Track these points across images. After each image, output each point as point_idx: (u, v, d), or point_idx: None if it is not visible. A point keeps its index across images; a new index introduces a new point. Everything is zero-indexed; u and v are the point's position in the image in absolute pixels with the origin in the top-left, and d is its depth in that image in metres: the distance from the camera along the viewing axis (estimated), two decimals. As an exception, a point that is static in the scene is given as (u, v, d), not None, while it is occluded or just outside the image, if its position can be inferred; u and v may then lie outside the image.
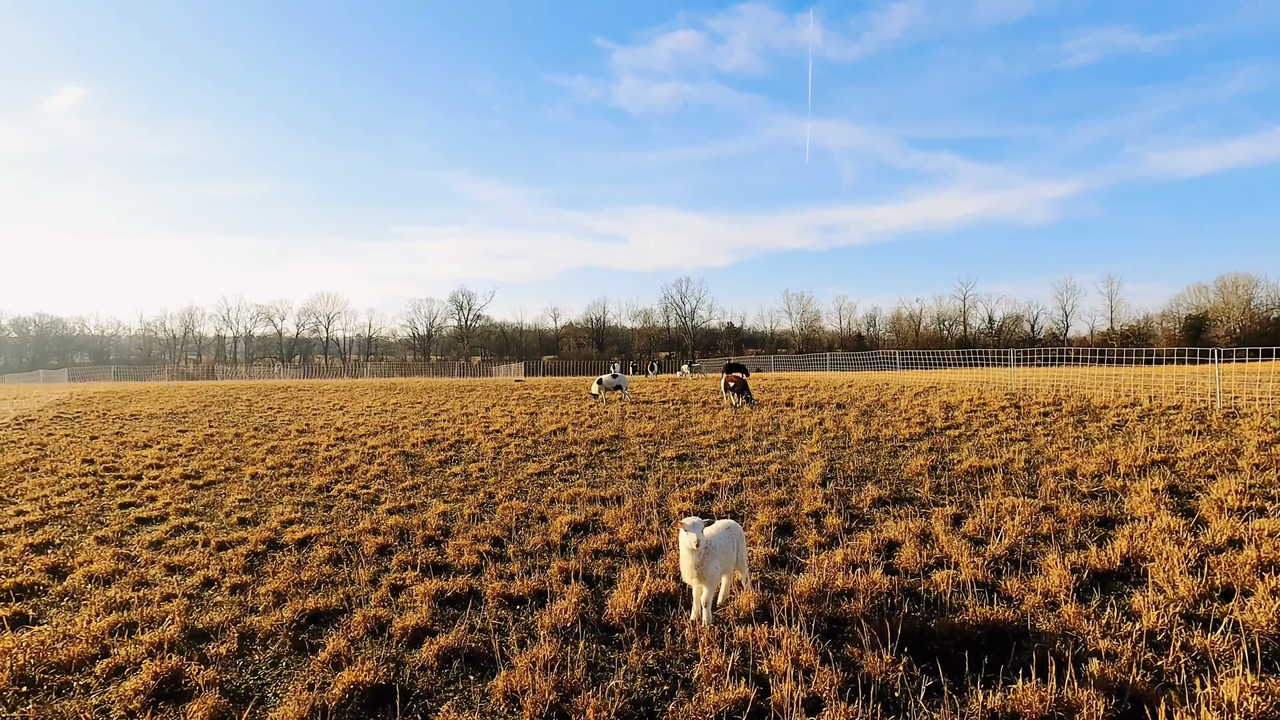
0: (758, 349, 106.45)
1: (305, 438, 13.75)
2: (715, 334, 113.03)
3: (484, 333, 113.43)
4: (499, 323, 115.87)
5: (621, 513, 7.41)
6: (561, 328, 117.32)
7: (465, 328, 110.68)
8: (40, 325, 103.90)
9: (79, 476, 10.34)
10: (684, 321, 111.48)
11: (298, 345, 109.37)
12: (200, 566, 6.17)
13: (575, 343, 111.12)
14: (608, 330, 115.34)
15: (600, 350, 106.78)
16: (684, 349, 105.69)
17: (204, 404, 21.27)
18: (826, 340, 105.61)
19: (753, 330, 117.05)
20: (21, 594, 5.66)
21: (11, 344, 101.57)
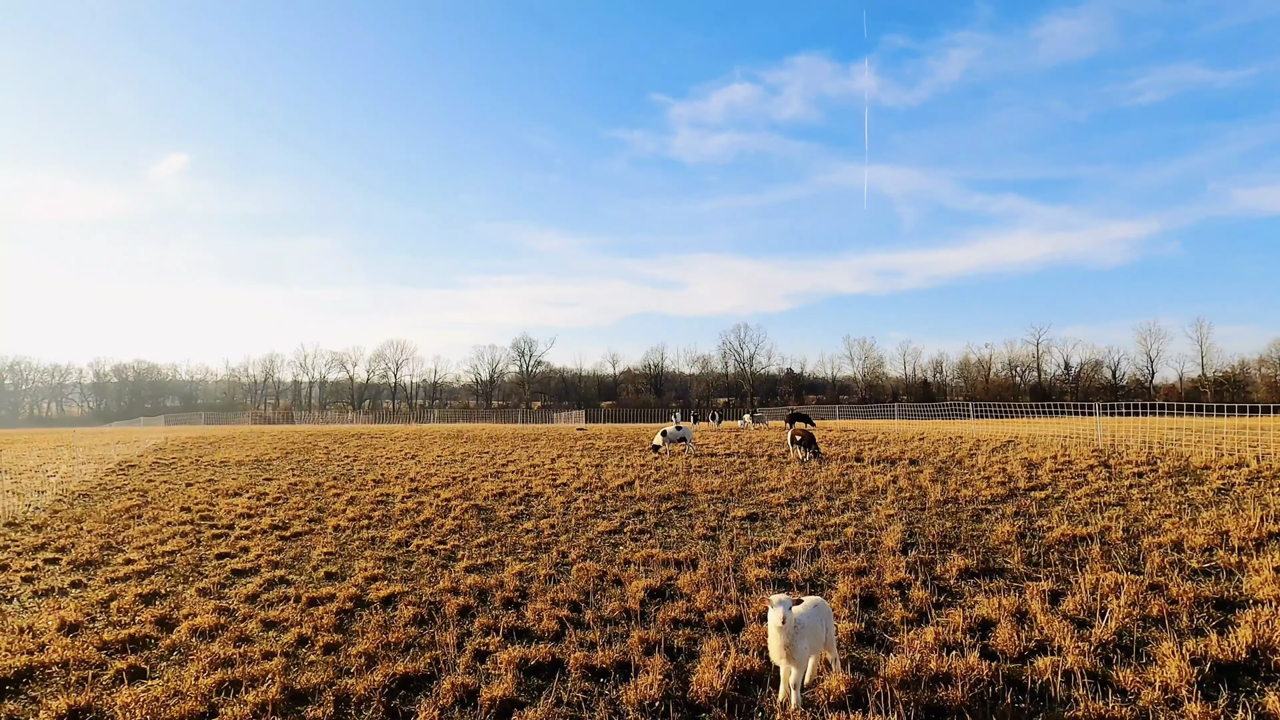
0: (819, 395, 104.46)
1: (381, 488, 14.20)
2: (775, 380, 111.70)
3: (544, 378, 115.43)
4: (559, 369, 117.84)
5: (696, 578, 7.33)
6: (620, 373, 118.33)
7: (526, 374, 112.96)
8: (138, 372, 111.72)
9: (178, 525, 10.96)
10: (743, 367, 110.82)
11: (368, 390, 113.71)
12: (294, 623, 6.42)
13: (634, 389, 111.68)
14: (666, 376, 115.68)
15: (658, 396, 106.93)
16: (743, 395, 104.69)
17: (285, 451, 22.30)
18: (891, 387, 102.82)
19: (813, 376, 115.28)
20: (135, 646, 6.00)
21: (113, 389, 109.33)
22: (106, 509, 12.36)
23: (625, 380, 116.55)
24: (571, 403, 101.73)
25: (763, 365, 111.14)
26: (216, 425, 45.83)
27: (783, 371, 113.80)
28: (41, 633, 6.31)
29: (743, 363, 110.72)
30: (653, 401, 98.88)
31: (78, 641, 6.03)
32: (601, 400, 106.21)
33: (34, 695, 5.11)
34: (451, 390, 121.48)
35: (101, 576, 8.16)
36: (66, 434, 31.86)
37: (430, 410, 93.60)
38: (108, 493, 14.32)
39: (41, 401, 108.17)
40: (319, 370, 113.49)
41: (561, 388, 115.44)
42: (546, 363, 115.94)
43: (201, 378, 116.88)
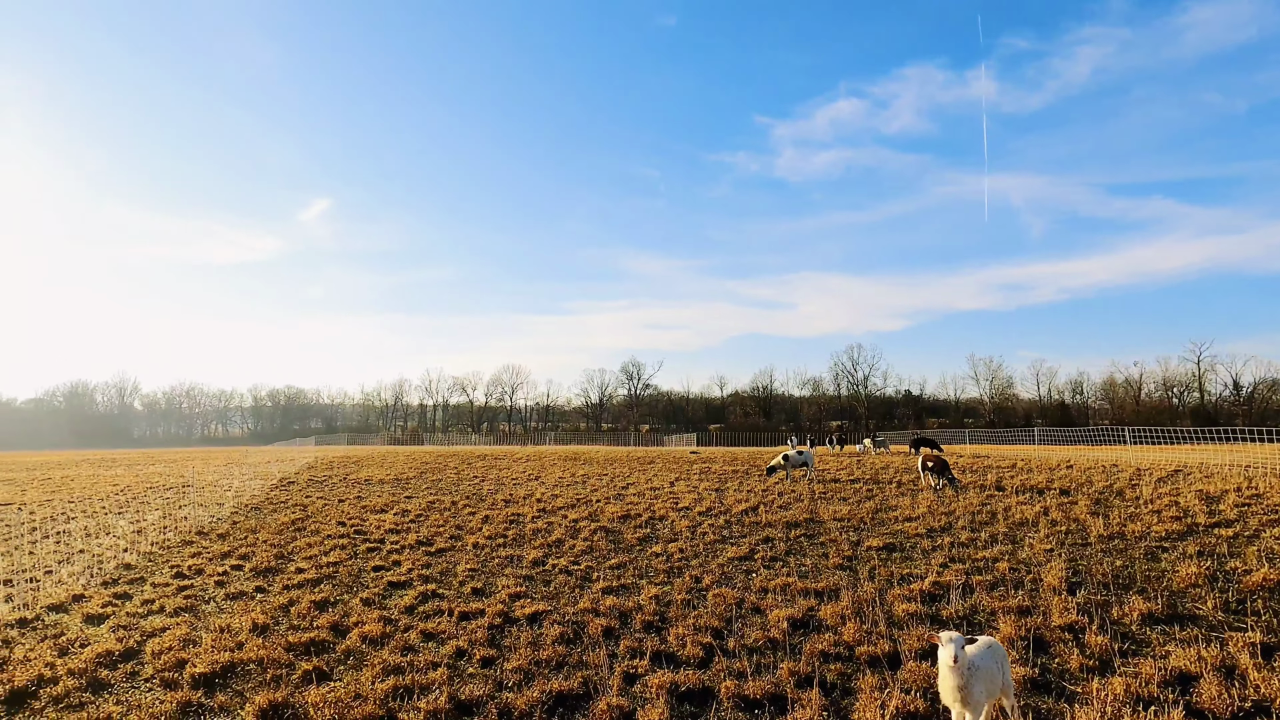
0: (941, 418, 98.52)
1: (511, 508, 14.80)
2: (891, 402, 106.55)
3: (652, 401, 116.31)
4: (666, 391, 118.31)
5: (839, 609, 7.07)
6: (728, 396, 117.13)
7: (635, 396, 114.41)
8: (288, 396, 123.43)
9: (337, 538, 11.93)
10: (856, 389, 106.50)
11: (486, 413, 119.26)
12: (451, 636, 6.78)
13: (742, 411, 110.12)
14: (775, 398, 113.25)
15: (768, 419, 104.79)
16: (857, 418, 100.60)
17: (420, 471, 23.80)
18: (1023, 409, 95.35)
19: (933, 398, 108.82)
20: (316, 650, 6.57)
21: (267, 412, 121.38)
22: (275, 521, 13.66)
23: (733, 403, 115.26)
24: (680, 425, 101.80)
25: (878, 387, 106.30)
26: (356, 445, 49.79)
27: (900, 393, 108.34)
28: (237, 632, 7.04)
29: (856, 384, 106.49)
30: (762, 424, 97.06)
31: (267, 642, 6.67)
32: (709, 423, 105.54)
33: (238, 689, 5.70)
34: (563, 413, 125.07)
35: (279, 583, 9.01)
36: (236, 453, 35.69)
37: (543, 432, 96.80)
38: (274, 507, 15.85)
39: (210, 423, 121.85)
40: (442, 394, 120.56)
41: (669, 410, 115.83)
42: (654, 385, 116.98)
43: (340, 401, 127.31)
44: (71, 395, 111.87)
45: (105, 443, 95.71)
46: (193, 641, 6.79)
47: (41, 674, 5.95)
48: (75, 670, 6.05)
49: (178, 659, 6.28)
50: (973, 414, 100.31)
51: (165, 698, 5.54)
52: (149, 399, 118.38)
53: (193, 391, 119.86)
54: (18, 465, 29.88)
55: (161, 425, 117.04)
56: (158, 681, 5.89)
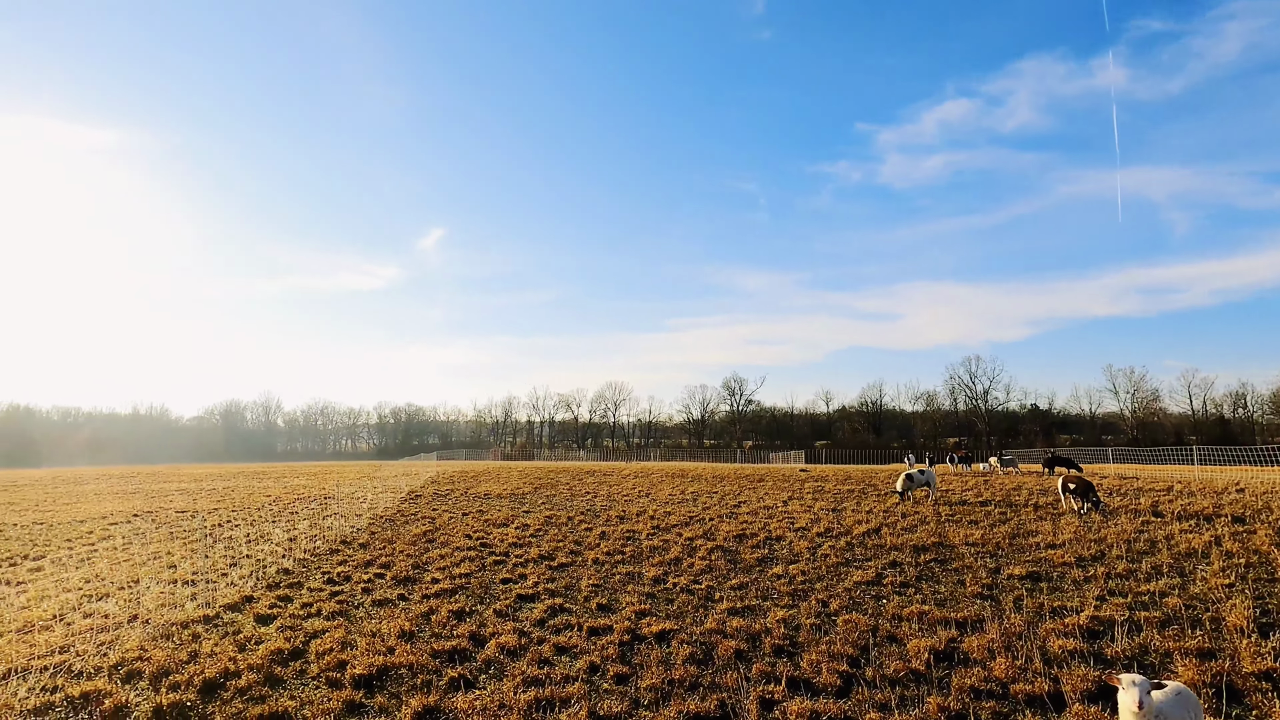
0: (1074, 435, 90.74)
1: (625, 525, 14.98)
2: (1015, 417, 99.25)
3: (755, 417, 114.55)
4: (769, 407, 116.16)
5: (985, 642, 6.63)
6: (834, 412, 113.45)
7: (737, 413, 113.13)
8: (407, 413, 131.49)
9: (465, 550, 12.53)
10: (975, 404, 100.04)
11: (589, 429, 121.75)
12: (583, 650, 6.94)
13: (850, 427, 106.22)
14: (885, 414, 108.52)
15: (878, 435, 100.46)
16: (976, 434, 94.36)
17: (535, 486, 24.62)
18: (1172, 425, 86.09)
19: (1064, 413, 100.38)
20: (458, 657, 6.91)
21: (390, 428, 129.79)
22: (408, 533, 14.55)
23: (840, 419, 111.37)
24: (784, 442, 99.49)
25: (999, 401, 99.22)
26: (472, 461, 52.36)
27: (1025, 407, 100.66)
28: (386, 637, 7.54)
29: (975, 398, 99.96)
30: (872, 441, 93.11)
31: (414, 648, 7.10)
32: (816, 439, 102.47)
33: (394, 692, 6.10)
34: (665, 429, 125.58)
35: (418, 592, 9.57)
36: (367, 466, 38.44)
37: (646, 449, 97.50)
38: (405, 519, 16.88)
39: (341, 439, 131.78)
40: (548, 411, 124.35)
41: (773, 426, 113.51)
42: (757, 401, 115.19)
43: (455, 418, 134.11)
44: (226, 414, 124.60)
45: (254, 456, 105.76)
46: (349, 644, 7.33)
47: (227, 668, 6.63)
48: (254, 665, 6.70)
49: (338, 660, 6.81)
50: (1111, 430, 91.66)
51: (331, 696, 6.01)
52: (290, 417, 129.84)
53: (326, 410, 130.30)
54: (187, 477, 33.55)
55: (300, 441, 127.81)
56: (323, 680, 6.41)
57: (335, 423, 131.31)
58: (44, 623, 8.35)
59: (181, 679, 6.38)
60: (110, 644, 7.46)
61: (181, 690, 6.16)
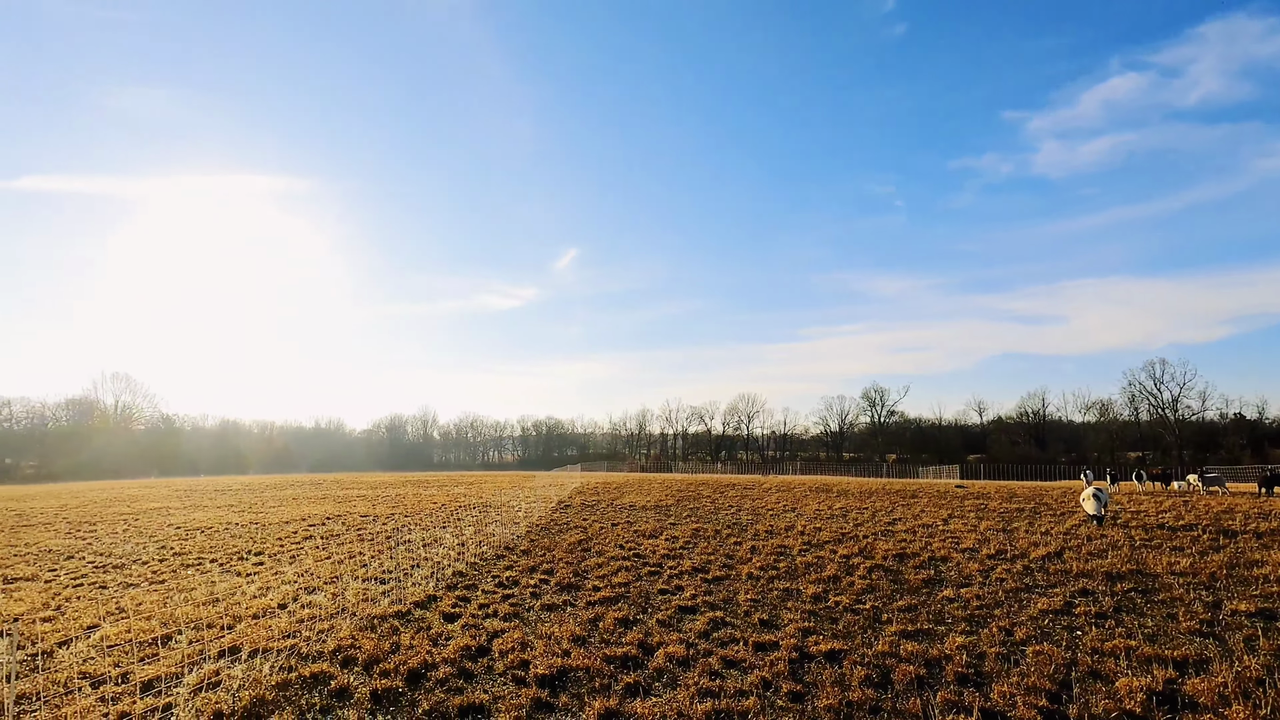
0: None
1: (775, 540, 14.76)
2: (1214, 428, 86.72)
3: (898, 429, 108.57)
4: (914, 419, 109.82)
5: (1213, 686, 5.86)
6: (989, 423, 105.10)
7: (878, 424, 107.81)
8: (548, 426, 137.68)
9: (620, 560, 12.92)
10: (1161, 413, 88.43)
11: (723, 442, 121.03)
12: (752, 665, 6.94)
13: (1008, 440, 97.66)
14: (1049, 425, 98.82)
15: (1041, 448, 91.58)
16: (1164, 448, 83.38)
17: (677, 498, 24.88)
18: None
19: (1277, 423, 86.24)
20: (629, 664, 7.15)
21: (532, 440, 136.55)
22: (565, 541, 15.24)
23: (996, 430, 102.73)
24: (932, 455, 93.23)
25: (1192, 410, 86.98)
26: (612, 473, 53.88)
27: (1227, 417, 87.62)
28: (560, 640, 7.95)
29: (1161, 407, 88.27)
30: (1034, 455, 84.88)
31: (587, 653, 7.43)
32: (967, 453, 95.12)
33: (575, 693, 6.42)
34: (800, 441, 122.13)
35: (582, 599, 10.00)
36: (518, 477, 40.76)
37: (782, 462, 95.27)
38: (559, 528, 17.69)
39: (489, 450, 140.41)
40: (681, 423, 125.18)
41: (918, 439, 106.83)
42: (900, 412, 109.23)
43: (591, 431, 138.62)
44: (390, 427, 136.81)
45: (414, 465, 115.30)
46: (528, 645, 7.81)
47: (425, 659, 7.30)
48: (448, 659, 7.33)
49: (520, 659, 7.28)
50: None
51: (519, 692, 6.44)
52: (444, 429, 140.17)
53: (475, 423, 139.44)
54: (363, 484, 37.22)
55: (453, 452, 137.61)
56: (509, 677, 6.88)
57: (483, 435, 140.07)
58: (272, 610, 9.63)
59: (389, 667, 7.12)
60: (326, 632, 8.47)
61: (391, 677, 6.87)
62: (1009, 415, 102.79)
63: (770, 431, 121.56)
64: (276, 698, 6.45)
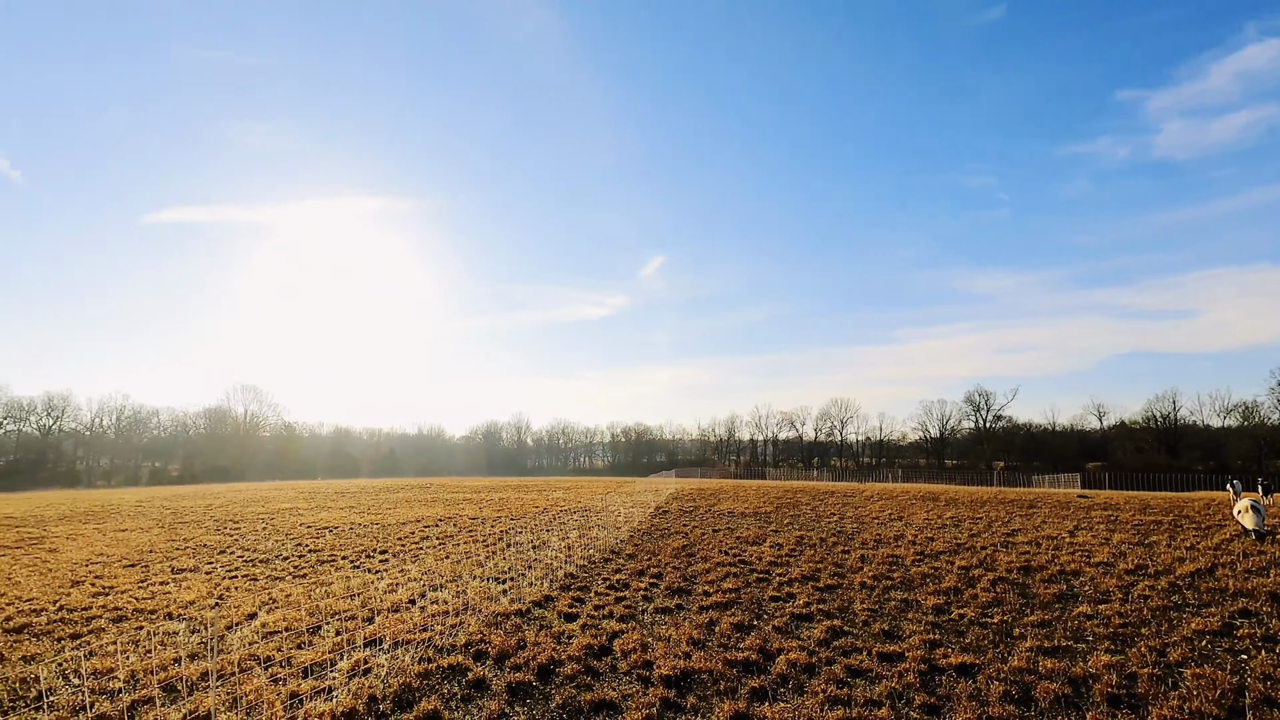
0: None
1: (884, 549, 14.32)
2: (1386, 434, 76.45)
3: (1006, 434, 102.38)
4: (1023, 423, 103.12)
5: None
6: (1110, 428, 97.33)
7: (984, 429, 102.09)
8: (636, 432, 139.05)
9: (726, 566, 12.93)
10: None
11: (815, 448, 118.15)
12: (879, 676, 6.81)
13: (1133, 446, 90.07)
14: (1182, 430, 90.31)
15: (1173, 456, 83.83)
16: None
17: (775, 505, 24.56)
18: None
19: None
20: (751, 669, 7.18)
21: (621, 446, 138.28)
22: (668, 546, 15.40)
23: (1119, 436, 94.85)
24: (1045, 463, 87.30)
25: (1360, 413, 77.25)
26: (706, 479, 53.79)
27: (1404, 421, 77.10)
28: (677, 643, 8.08)
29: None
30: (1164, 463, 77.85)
31: (707, 656, 7.52)
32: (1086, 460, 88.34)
33: (700, 695, 6.52)
34: (898, 448, 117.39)
35: (694, 604, 10.10)
36: (612, 482, 41.45)
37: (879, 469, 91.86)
38: (660, 533, 17.88)
39: (580, 456, 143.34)
40: (771, 429, 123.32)
41: (1028, 445, 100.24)
42: (1007, 417, 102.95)
43: (680, 436, 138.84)
44: (487, 433, 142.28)
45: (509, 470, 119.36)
46: (647, 646, 7.99)
47: (552, 656, 7.62)
48: (573, 656, 7.61)
49: (643, 660, 7.46)
50: None
51: (645, 691, 6.61)
52: (537, 435, 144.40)
53: (566, 429, 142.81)
54: (466, 488, 38.90)
55: (545, 457, 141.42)
56: (634, 677, 7.07)
57: (574, 441, 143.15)
58: (403, 605, 10.30)
59: (519, 661, 7.48)
60: (456, 627, 8.97)
61: (522, 671, 7.21)
62: (1134, 419, 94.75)
63: (865, 437, 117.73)
64: (421, 685, 6.93)
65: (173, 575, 13.43)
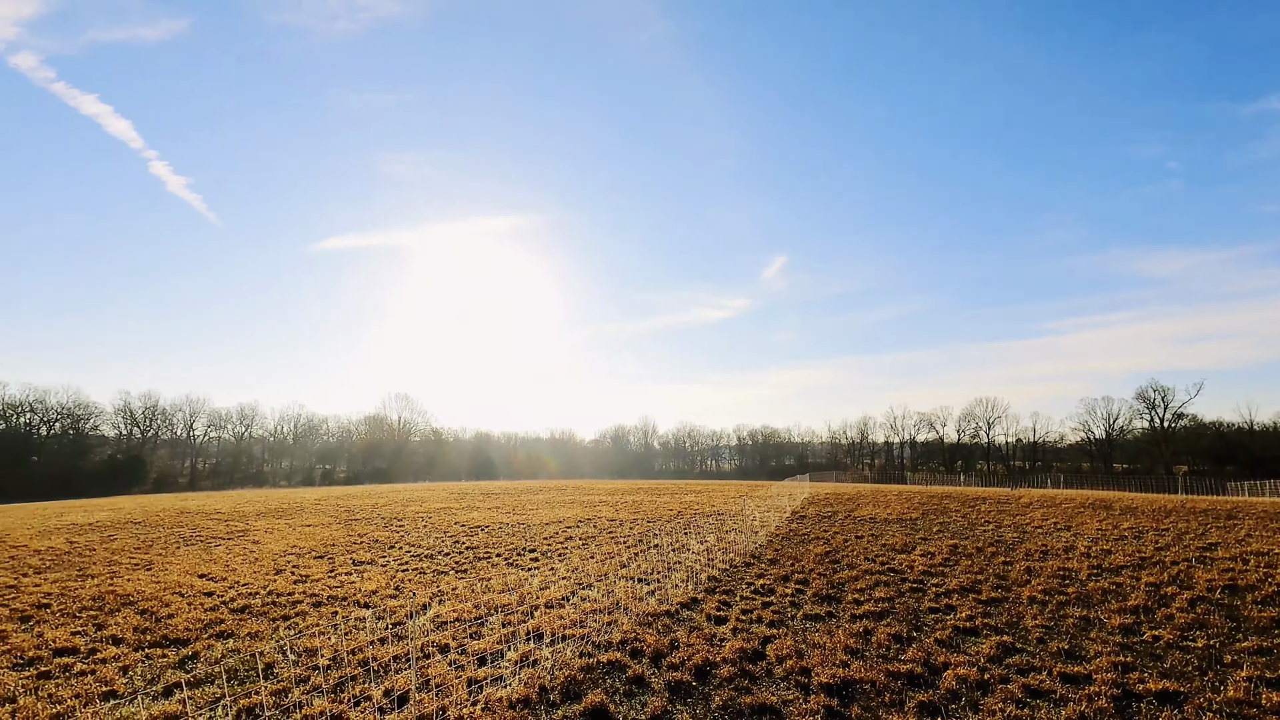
0: None
1: (1053, 561, 13.18)
2: None
3: (1188, 435, 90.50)
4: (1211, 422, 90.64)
5: None
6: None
7: (1161, 430, 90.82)
8: (764, 435, 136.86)
9: (875, 574, 12.45)
10: None
11: (958, 451, 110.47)
12: (1064, 698, 6.32)
13: (1359, 448, 76.49)
14: None
15: None
16: None
17: (921, 511, 23.29)
18: None
19: None
20: (915, 683, 6.90)
21: (748, 449, 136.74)
22: (811, 552, 15.07)
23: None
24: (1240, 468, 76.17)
25: None
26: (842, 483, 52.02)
27: None
28: (833, 651, 7.91)
29: None
30: (1405, 468, 65.23)
31: (866, 666, 7.31)
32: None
33: (865, 705, 6.36)
34: (1055, 450, 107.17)
35: (845, 612, 9.84)
36: (743, 486, 41.16)
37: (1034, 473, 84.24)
38: (800, 538, 17.52)
39: (706, 459, 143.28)
40: (907, 431, 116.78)
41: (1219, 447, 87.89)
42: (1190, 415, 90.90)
43: (809, 439, 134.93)
44: (616, 437, 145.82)
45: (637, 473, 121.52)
46: (801, 652, 7.89)
47: (707, 658, 7.72)
48: (726, 659, 7.68)
49: (799, 666, 7.39)
50: None
51: (806, 699, 6.54)
52: (663, 439, 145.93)
53: (693, 433, 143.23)
54: (599, 491, 40.11)
55: (672, 460, 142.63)
56: (791, 683, 7.01)
57: (700, 444, 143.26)
58: (557, 602, 10.83)
59: (675, 661, 7.66)
60: (610, 625, 9.32)
61: (679, 671, 7.38)
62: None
63: (1015, 439, 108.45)
64: (584, 679, 7.27)
65: (354, 566, 14.95)
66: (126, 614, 10.59)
